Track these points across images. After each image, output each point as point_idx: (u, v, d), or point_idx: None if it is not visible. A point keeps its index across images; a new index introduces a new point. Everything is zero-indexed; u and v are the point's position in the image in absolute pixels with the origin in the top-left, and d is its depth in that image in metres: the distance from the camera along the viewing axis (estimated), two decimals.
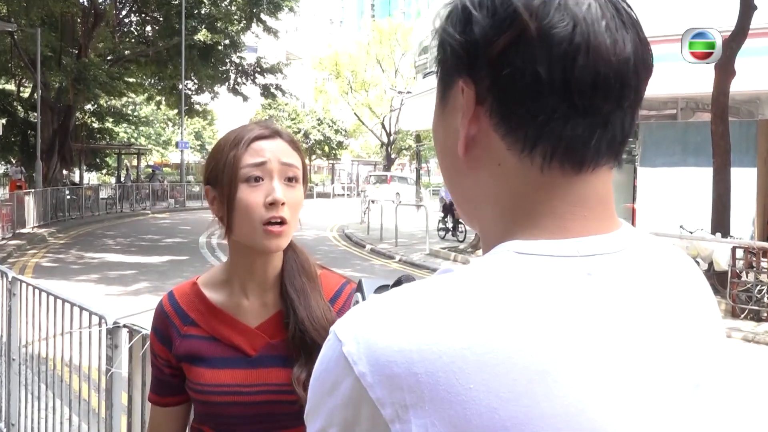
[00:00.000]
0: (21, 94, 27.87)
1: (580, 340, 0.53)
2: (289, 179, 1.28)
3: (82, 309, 3.07)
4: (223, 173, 1.27)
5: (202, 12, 27.30)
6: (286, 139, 1.32)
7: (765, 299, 8.43)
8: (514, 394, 0.50)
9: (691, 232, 9.70)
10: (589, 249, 0.58)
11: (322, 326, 1.28)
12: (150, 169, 35.84)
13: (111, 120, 32.39)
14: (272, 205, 1.24)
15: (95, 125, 30.70)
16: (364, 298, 0.96)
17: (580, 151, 0.58)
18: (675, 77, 10.50)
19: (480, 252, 0.67)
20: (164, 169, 52.84)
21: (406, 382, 0.50)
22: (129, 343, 2.56)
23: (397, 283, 0.96)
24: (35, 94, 22.84)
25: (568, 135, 0.57)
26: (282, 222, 1.26)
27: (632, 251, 0.61)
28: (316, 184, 43.83)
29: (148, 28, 28.34)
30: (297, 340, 1.28)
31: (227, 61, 29.69)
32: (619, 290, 0.57)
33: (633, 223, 10.89)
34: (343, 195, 42.08)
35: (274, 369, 1.29)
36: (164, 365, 1.37)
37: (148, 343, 2.43)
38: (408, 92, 29.29)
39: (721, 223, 9.65)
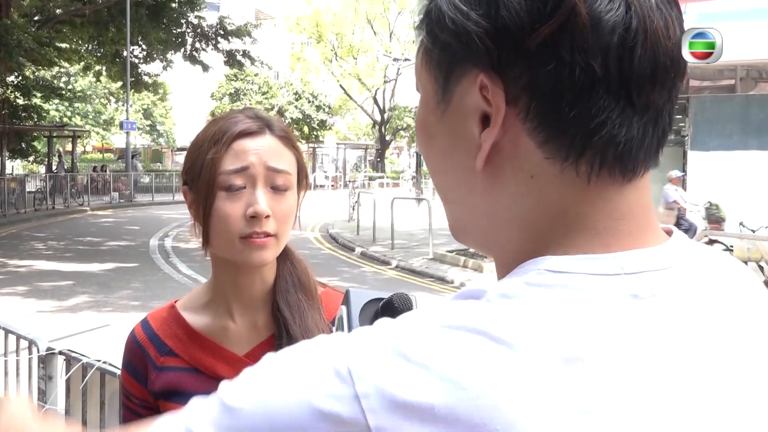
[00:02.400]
0: None
1: (627, 377, 0.54)
2: (278, 185, 1.30)
3: (7, 332, 3.07)
4: (199, 177, 1.29)
5: None
6: (277, 133, 1.33)
7: None
8: None
9: (754, 231, 9.75)
10: (635, 265, 0.58)
11: None
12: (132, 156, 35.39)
13: (39, 95, 32.21)
14: (254, 218, 1.26)
15: (20, 102, 30.55)
16: (349, 314, 0.97)
17: (634, 154, 0.59)
18: (733, 39, 10.54)
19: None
20: (105, 155, 52.85)
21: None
22: (66, 373, 2.56)
23: (388, 303, 0.98)
24: None
25: (623, 138, 0.58)
26: (266, 235, 1.27)
27: (684, 267, 0.62)
28: None
29: None
30: None
31: (182, 21, 29.58)
32: (670, 316, 0.58)
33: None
34: (327, 186, 42.07)
35: None
36: (141, 406, 1.39)
37: (89, 373, 2.43)
38: (406, 59, 29.33)
39: None
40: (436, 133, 0.66)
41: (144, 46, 30.17)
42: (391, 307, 0.98)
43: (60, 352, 2.73)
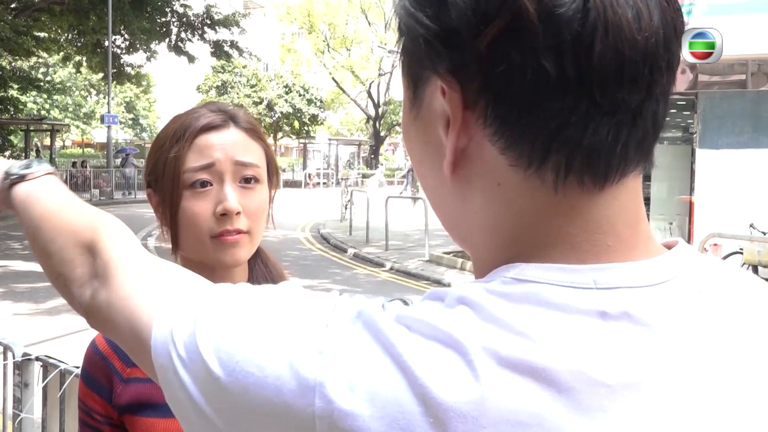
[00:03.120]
0: None
1: (570, 398, 0.52)
2: (247, 179, 1.29)
3: None
4: (163, 177, 1.28)
5: None
6: (242, 125, 1.32)
7: None
8: None
9: (765, 233, 9.77)
10: (610, 280, 0.56)
11: None
12: (122, 154, 35.42)
13: (16, 87, 32.15)
14: (224, 215, 1.25)
15: None
16: None
17: (604, 159, 0.56)
18: (744, 33, 10.56)
19: None
20: (86, 150, 52.75)
21: None
22: (43, 381, 2.56)
23: None
24: None
25: (589, 142, 0.56)
26: (238, 233, 1.27)
27: (677, 284, 0.58)
28: (284, 170, 43.84)
29: None
30: None
31: (167, 10, 29.56)
32: (642, 339, 0.55)
33: (690, 220, 10.95)
34: (319, 184, 42.08)
35: None
36: (104, 423, 1.35)
37: (68, 381, 2.43)
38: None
39: None
40: (412, 139, 0.66)
41: (126, 36, 30.10)
42: None
43: (37, 358, 2.73)
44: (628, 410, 0.53)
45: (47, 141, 37.86)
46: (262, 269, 1.38)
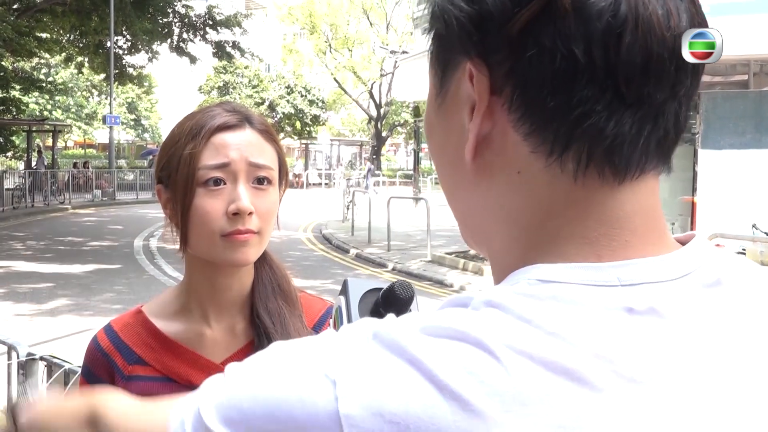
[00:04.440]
0: None
1: (613, 395, 0.52)
2: (260, 180, 1.29)
3: None
4: (176, 173, 1.28)
5: None
6: (257, 127, 1.32)
7: None
8: None
9: (767, 234, 9.77)
10: (633, 276, 0.57)
11: None
12: (150, 156, 35.42)
13: (18, 87, 32.17)
14: (236, 215, 1.25)
15: None
16: (348, 304, 0.98)
17: (626, 152, 0.58)
18: (747, 33, 10.56)
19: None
20: (88, 151, 52.73)
21: None
22: (48, 380, 2.56)
23: (389, 291, 0.98)
24: None
25: (612, 133, 0.57)
26: (249, 232, 1.27)
27: (698, 279, 0.59)
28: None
29: None
30: None
31: (169, 11, 29.56)
32: (669, 331, 0.56)
33: (692, 221, 10.95)
34: (320, 184, 42.06)
35: None
36: None
37: (72, 380, 2.44)
38: (404, 52, 29.34)
39: None
40: (435, 127, 0.67)
41: (128, 37, 30.09)
42: (393, 296, 0.98)
43: (41, 358, 2.74)
44: (660, 405, 0.53)
45: (49, 142, 37.84)
46: (266, 270, 1.39)
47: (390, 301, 0.97)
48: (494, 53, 0.58)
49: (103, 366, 1.36)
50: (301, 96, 46.53)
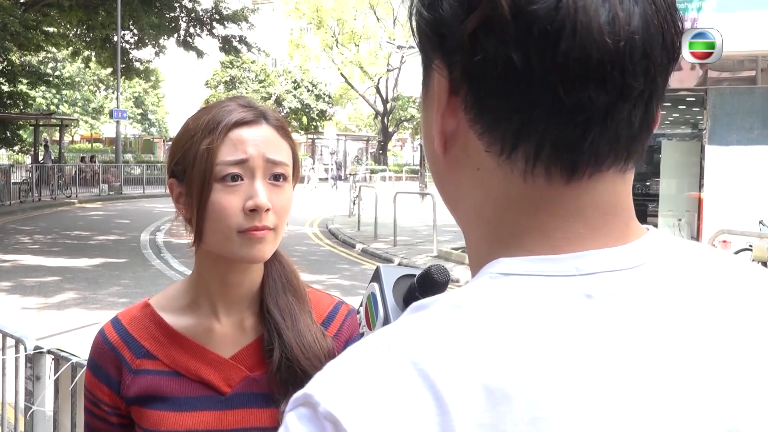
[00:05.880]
0: None
1: (579, 381, 0.54)
2: (276, 177, 1.28)
3: None
4: (193, 168, 1.27)
5: None
6: (273, 123, 1.31)
7: None
8: None
9: None
10: (590, 266, 0.59)
11: (314, 354, 1.30)
12: None
13: (25, 82, 32.23)
14: (253, 211, 1.24)
15: (5, 88, 30.59)
16: (382, 290, 0.98)
17: (570, 154, 0.59)
18: (754, 28, 10.52)
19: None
20: (94, 145, 52.81)
21: None
22: (55, 374, 2.57)
23: (426, 275, 0.98)
24: None
25: (554, 135, 0.59)
26: (265, 229, 1.26)
27: (654, 267, 0.62)
28: None
29: None
30: (283, 371, 1.30)
31: (176, 5, 29.59)
32: (626, 317, 0.58)
33: (699, 217, 10.92)
34: (327, 179, 42.06)
35: (254, 409, 1.31)
36: (112, 414, 1.36)
37: (79, 374, 2.44)
38: (410, 47, 29.29)
39: None
40: (423, 121, 0.70)
41: (135, 31, 30.16)
42: (430, 280, 0.98)
43: (48, 351, 2.75)
44: (623, 392, 0.55)
45: (56, 136, 38.00)
46: (276, 266, 1.38)
47: (427, 285, 0.97)
48: (450, 56, 0.62)
49: (110, 359, 1.35)
50: (308, 91, 46.56)
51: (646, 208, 14.02)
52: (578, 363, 0.55)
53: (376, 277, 1.00)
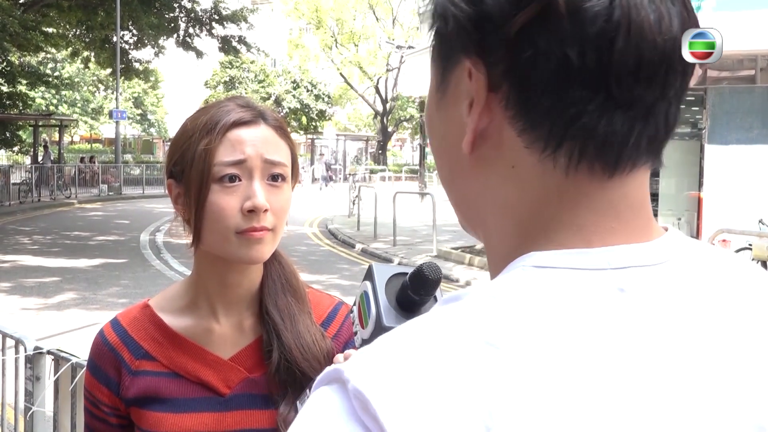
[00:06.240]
0: None
1: (613, 374, 0.55)
2: (274, 177, 1.28)
3: None
4: (191, 168, 1.26)
5: None
6: (271, 123, 1.31)
7: None
8: None
9: None
10: (622, 260, 0.60)
11: (313, 356, 1.30)
12: None
13: (25, 82, 32.24)
14: (252, 212, 1.24)
15: (4, 89, 30.60)
16: (374, 289, 0.98)
17: (616, 150, 0.60)
18: (754, 28, 10.51)
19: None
20: (94, 145, 52.79)
21: None
22: (55, 374, 2.57)
23: (418, 273, 0.98)
24: None
25: (603, 131, 0.59)
26: (263, 229, 1.26)
27: (679, 264, 0.63)
28: None
29: None
30: (282, 372, 1.30)
31: (175, 5, 29.55)
32: (657, 310, 0.59)
33: (699, 216, 10.92)
34: (326, 179, 42.07)
35: (254, 411, 1.31)
36: (111, 415, 1.36)
37: (79, 374, 2.44)
38: (410, 47, 29.27)
39: None
40: (435, 120, 0.69)
41: (135, 31, 30.14)
42: (421, 278, 0.98)
43: (48, 352, 2.75)
44: (657, 387, 0.56)
45: (55, 136, 37.97)
46: (276, 266, 1.38)
47: (419, 283, 0.97)
48: (492, 53, 0.61)
49: (109, 360, 1.35)
50: (307, 91, 46.55)
51: None
52: (614, 356, 0.56)
53: (369, 275, 1.00)
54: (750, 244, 9.79)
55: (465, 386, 0.53)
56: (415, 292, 0.96)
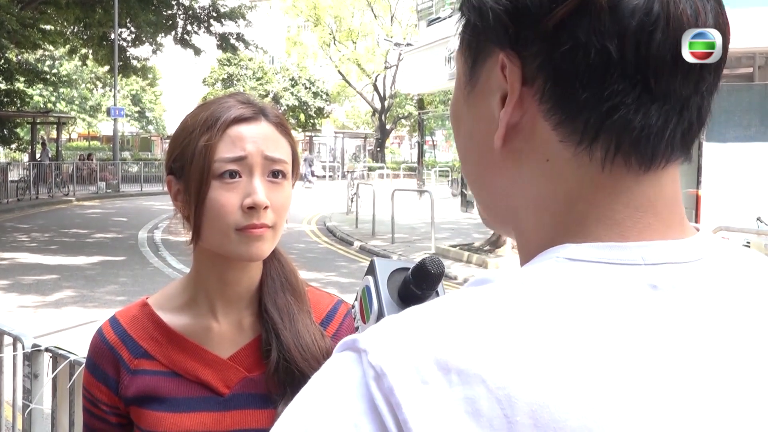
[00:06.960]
0: None
1: (639, 371, 0.55)
2: (275, 174, 1.27)
3: None
4: (191, 165, 1.25)
5: None
6: (272, 120, 1.30)
7: None
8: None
9: None
10: (656, 257, 0.60)
11: (312, 355, 1.30)
12: None
13: (22, 80, 32.23)
14: (252, 209, 1.23)
15: (2, 86, 30.57)
16: (376, 283, 0.97)
17: (652, 143, 0.60)
18: (752, 25, 10.51)
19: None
20: (92, 143, 52.77)
21: None
22: (53, 371, 2.57)
23: (420, 267, 0.98)
24: None
25: (639, 124, 0.59)
26: (263, 227, 1.25)
27: (711, 262, 0.62)
28: None
29: None
30: (281, 372, 1.29)
31: (173, 2, 29.51)
32: (690, 309, 0.59)
33: (697, 214, 10.93)
34: (324, 177, 42.04)
35: (253, 410, 1.31)
36: (111, 413, 1.35)
37: (77, 371, 2.44)
38: (408, 44, 29.26)
39: None
40: (462, 115, 0.69)
41: (132, 29, 30.11)
42: (424, 272, 0.97)
43: (46, 349, 2.74)
44: (686, 384, 0.56)
45: (53, 134, 37.88)
46: (275, 265, 1.37)
47: (421, 278, 0.97)
48: (528, 46, 0.61)
49: (108, 359, 1.34)
50: (306, 88, 46.53)
51: None
52: (641, 353, 0.55)
53: (371, 270, 1.00)
54: (748, 242, 9.80)
55: (488, 371, 0.53)
56: (417, 287, 0.96)
